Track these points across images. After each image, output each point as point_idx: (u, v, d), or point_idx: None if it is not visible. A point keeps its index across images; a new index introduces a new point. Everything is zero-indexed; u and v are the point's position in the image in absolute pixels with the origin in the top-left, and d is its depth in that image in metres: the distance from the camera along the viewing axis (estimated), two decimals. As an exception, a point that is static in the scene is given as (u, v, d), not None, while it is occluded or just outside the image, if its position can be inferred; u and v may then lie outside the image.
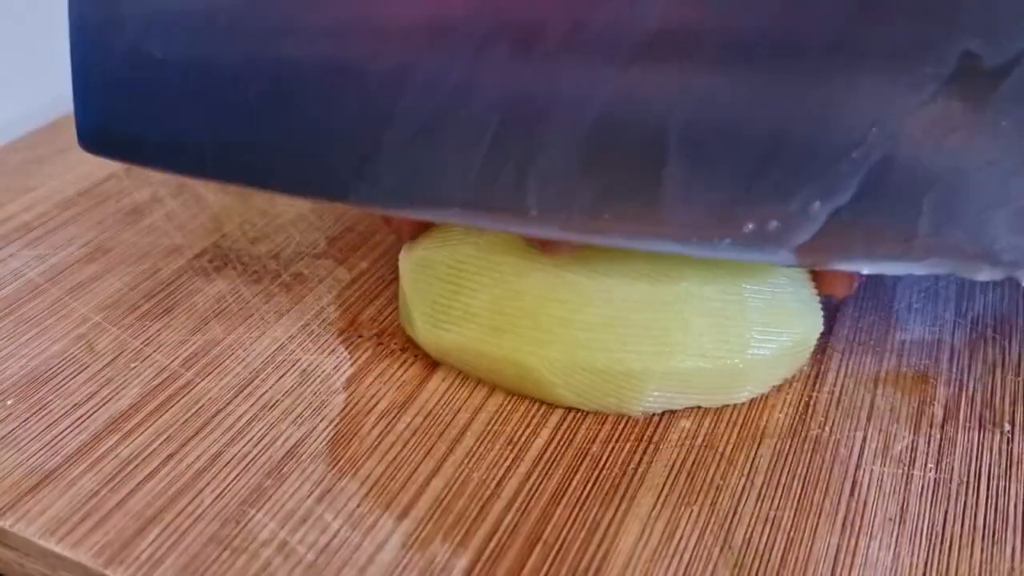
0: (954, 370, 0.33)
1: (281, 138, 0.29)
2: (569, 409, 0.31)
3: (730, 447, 0.30)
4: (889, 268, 0.27)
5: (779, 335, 0.30)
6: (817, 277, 0.32)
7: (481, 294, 0.31)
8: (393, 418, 0.30)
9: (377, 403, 0.31)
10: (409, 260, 0.33)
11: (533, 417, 0.31)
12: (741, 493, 0.28)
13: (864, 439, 0.30)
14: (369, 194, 0.29)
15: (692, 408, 0.31)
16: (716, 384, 0.30)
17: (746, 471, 0.29)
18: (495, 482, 0.28)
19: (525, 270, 0.30)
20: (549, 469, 0.29)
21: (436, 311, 0.32)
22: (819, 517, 0.27)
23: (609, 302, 0.29)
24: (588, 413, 0.31)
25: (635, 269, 0.30)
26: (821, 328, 0.32)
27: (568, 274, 0.30)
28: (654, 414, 0.31)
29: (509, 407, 0.31)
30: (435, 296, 0.32)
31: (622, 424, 0.30)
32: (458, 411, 0.31)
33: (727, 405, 0.31)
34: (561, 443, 0.30)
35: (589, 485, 0.28)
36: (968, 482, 0.29)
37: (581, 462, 0.29)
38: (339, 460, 0.29)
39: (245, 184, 0.31)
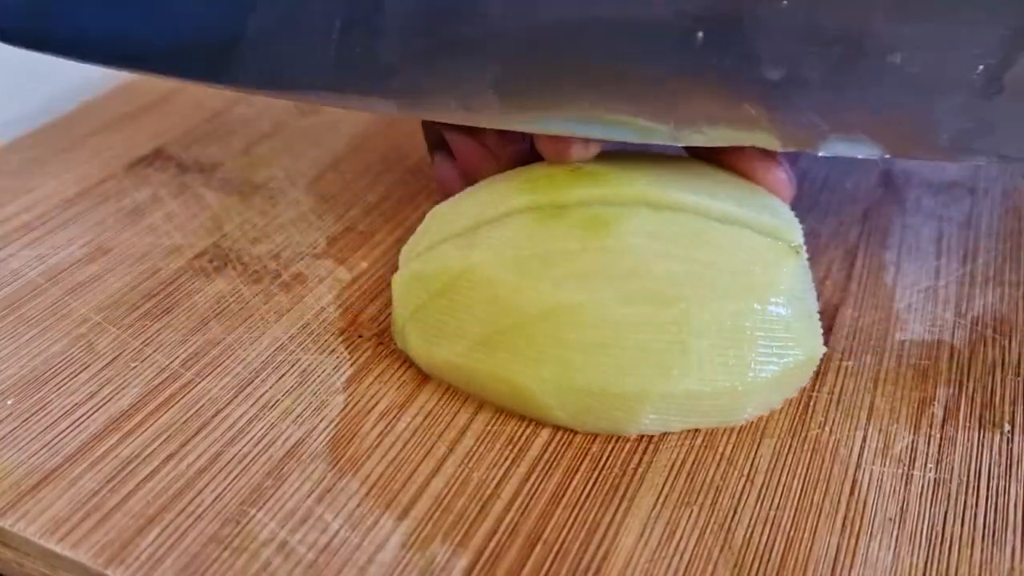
0: (954, 370, 0.33)
1: (161, 28, 0.34)
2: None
3: (730, 447, 0.30)
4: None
5: (781, 357, 0.30)
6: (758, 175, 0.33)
7: (474, 310, 0.30)
8: (393, 418, 0.30)
9: (377, 403, 0.31)
10: (401, 274, 0.33)
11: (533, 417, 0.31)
12: (741, 493, 0.28)
13: (864, 439, 0.30)
14: (239, 77, 0.33)
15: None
16: (715, 407, 0.30)
17: (746, 471, 0.29)
18: (495, 482, 0.28)
19: (519, 287, 0.30)
20: (549, 469, 0.29)
21: (428, 326, 0.31)
22: (819, 517, 0.27)
23: (604, 322, 0.29)
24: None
25: (631, 289, 0.29)
26: (824, 348, 0.31)
27: (563, 292, 0.29)
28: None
29: (509, 407, 0.31)
30: (428, 311, 0.31)
31: (622, 424, 0.30)
32: (458, 411, 0.31)
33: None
34: (561, 443, 0.30)
35: (589, 485, 0.28)
36: (968, 482, 0.29)
37: (581, 462, 0.29)
38: (339, 460, 0.29)
39: (134, 68, 0.36)
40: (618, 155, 0.33)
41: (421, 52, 0.32)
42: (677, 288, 0.29)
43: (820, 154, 0.30)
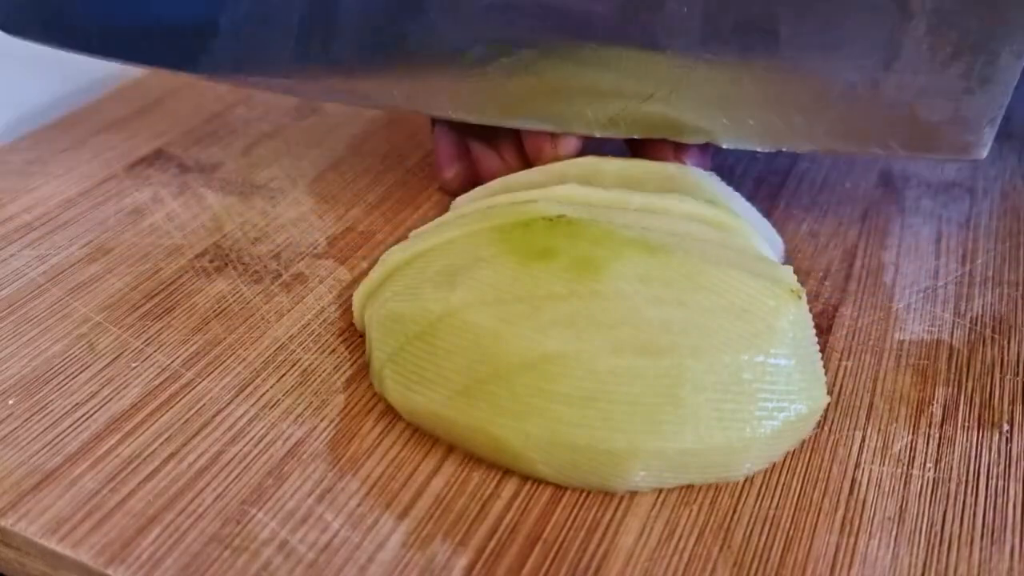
0: (953, 370, 0.33)
1: (145, 22, 0.38)
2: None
3: (729, 447, 0.30)
4: None
5: (781, 411, 0.28)
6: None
7: (455, 357, 0.28)
8: (393, 418, 0.30)
9: (377, 403, 0.31)
10: (376, 315, 0.31)
11: (533, 417, 0.31)
12: (740, 492, 0.28)
13: (863, 439, 0.30)
14: (211, 66, 0.38)
15: None
16: (711, 464, 0.28)
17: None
18: (495, 481, 0.28)
19: (502, 334, 0.28)
20: (549, 468, 0.29)
21: (407, 371, 0.30)
22: (818, 516, 0.28)
23: (592, 374, 0.27)
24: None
25: (622, 337, 0.27)
26: (827, 399, 0.30)
27: (548, 341, 0.27)
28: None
29: (509, 407, 0.31)
30: (405, 355, 0.30)
31: (622, 424, 0.30)
32: (458, 411, 0.31)
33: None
34: (561, 443, 0.30)
35: (589, 484, 0.28)
36: (967, 481, 0.29)
37: (581, 462, 0.29)
38: (339, 459, 0.29)
39: (122, 60, 0.39)
40: (597, 194, 0.33)
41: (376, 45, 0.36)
42: (671, 337, 0.27)
43: (725, 146, 0.35)
